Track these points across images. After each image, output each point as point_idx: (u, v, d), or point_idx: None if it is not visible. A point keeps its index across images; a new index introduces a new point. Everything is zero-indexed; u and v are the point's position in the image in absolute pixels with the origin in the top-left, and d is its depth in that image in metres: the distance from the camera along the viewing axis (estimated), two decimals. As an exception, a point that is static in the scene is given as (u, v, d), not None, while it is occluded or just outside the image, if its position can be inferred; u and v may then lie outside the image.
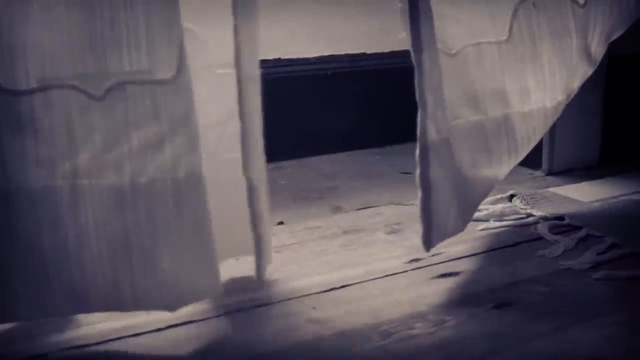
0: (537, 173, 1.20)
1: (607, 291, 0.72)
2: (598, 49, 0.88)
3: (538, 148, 1.19)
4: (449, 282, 0.76)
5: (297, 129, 1.23)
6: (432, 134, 0.68)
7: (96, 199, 0.58)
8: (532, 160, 1.21)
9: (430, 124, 0.68)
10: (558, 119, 1.15)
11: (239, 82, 0.63)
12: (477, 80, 0.79)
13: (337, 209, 0.95)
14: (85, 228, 0.58)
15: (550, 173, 1.19)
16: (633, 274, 0.76)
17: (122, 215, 0.58)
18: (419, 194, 0.69)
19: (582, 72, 0.88)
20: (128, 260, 0.59)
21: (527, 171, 1.21)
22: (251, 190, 0.64)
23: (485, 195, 0.84)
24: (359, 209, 1.02)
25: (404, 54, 0.69)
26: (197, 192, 0.60)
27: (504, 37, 0.80)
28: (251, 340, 0.64)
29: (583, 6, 0.83)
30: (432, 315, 0.68)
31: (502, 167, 0.83)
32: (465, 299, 0.72)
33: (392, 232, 0.92)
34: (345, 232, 0.92)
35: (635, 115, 1.24)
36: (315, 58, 1.38)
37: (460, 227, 0.76)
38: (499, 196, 1.04)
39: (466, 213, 0.79)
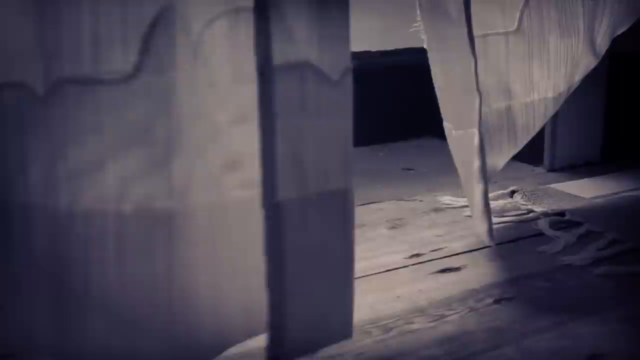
0: (539, 169, 1.20)
1: (607, 287, 0.73)
2: (603, 42, 0.87)
3: (540, 144, 1.19)
4: (450, 277, 0.76)
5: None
6: (483, 126, 0.69)
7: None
8: (533, 157, 1.21)
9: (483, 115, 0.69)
10: (560, 116, 1.16)
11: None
12: (481, 72, 0.78)
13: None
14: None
15: (551, 169, 1.19)
16: (634, 269, 0.76)
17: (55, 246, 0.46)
18: (481, 186, 0.68)
19: (586, 63, 0.87)
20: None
21: (528, 167, 1.21)
22: None
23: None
24: (361, 204, 1.02)
25: (407, 52, 0.69)
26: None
27: (513, 28, 0.81)
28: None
29: None
30: (432, 310, 0.68)
31: (502, 157, 0.84)
32: (466, 294, 0.72)
33: (394, 227, 0.92)
34: (347, 228, 0.92)
35: (636, 112, 1.24)
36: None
37: None
38: (500, 192, 1.04)
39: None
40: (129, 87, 0.43)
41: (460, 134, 0.74)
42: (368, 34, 1.35)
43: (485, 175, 0.69)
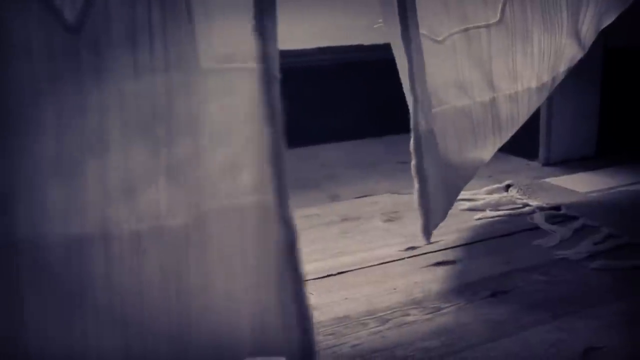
0: (534, 163, 1.20)
1: (603, 281, 0.73)
2: (589, 34, 0.88)
3: (535, 139, 1.19)
4: (446, 270, 0.76)
5: (295, 118, 1.23)
6: (423, 125, 0.68)
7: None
8: (529, 151, 1.21)
9: (421, 115, 0.67)
10: (555, 110, 1.16)
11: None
12: (464, 66, 0.79)
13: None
14: None
15: (547, 163, 1.19)
16: (629, 264, 0.76)
17: None
18: (416, 185, 0.67)
19: (571, 54, 0.87)
20: None
21: (524, 161, 1.21)
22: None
23: (470, 178, 0.84)
24: (357, 197, 1.02)
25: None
26: None
27: (495, 20, 0.80)
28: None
29: None
30: (428, 303, 0.68)
31: (487, 150, 0.83)
32: (462, 287, 0.72)
33: (389, 220, 0.92)
34: (343, 220, 0.92)
35: (631, 107, 1.24)
36: (315, 49, 1.38)
37: (445, 214, 0.77)
38: (495, 186, 1.04)
39: (452, 198, 0.79)
40: None
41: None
42: (365, 27, 1.35)
43: (422, 174, 0.66)
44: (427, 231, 0.69)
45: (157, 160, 0.41)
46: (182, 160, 0.42)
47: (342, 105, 1.33)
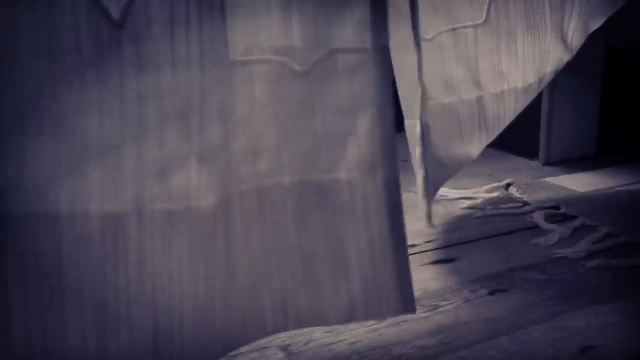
0: (534, 163, 1.20)
1: (601, 279, 0.73)
2: (576, 37, 0.89)
3: (535, 138, 1.19)
4: (445, 268, 0.76)
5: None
6: (425, 117, 0.69)
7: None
8: (529, 150, 1.21)
9: (426, 107, 0.69)
10: (555, 110, 1.16)
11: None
12: (451, 64, 0.80)
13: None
14: None
15: (547, 163, 1.19)
16: (627, 263, 0.76)
17: None
18: (422, 173, 0.68)
19: (556, 57, 0.88)
20: None
21: (524, 161, 1.21)
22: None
23: (456, 171, 0.85)
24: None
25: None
26: None
27: (481, 20, 0.82)
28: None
29: None
30: (426, 301, 0.68)
31: (474, 146, 0.84)
32: (460, 285, 0.72)
33: (388, 218, 0.92)
34: (342, 218, 0.92)
35: (631, 107, 1.24)
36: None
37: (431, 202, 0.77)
38: (495, 185, 1.04)
39: (436, 189, 0.80)
40: None
41: (410, 124, 0.74)
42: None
43: (427, 161, 0.68)
44: (431, 217, 0.70)
45: (189, 145, 0.44)
46: (212, 145, 0.45)
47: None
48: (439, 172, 0.79)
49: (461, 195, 1.00)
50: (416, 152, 0.66)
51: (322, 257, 0.51)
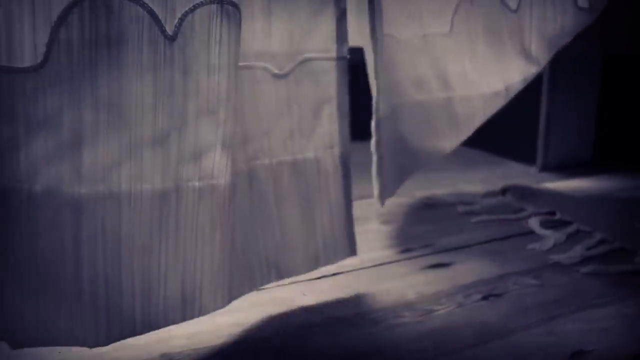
0: (531, 169, 1.20)
1: (594, 285, 0.73)
2: (540, 50, 0.93)
3: (532, 144, 1.20)
4: (440, 273, 0.77)
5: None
6: (384, 110, 0.76)
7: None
8: (526, 156, 1.22)
9: (382, 102, 0.75)
10: (553, 116, 1.17)
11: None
12: (422, 65, 0.87)
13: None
14: None
15: (543, 169, 1.19)
16: (621, 268, 0.76)
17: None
18: (374, 159, 0.76)
19: (521, 68, 0.93)
20: None
21: (521, 167, 1.22)
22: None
23: (427, 164, 0.91)
24: (354, 199, 1.02)
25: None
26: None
27: (447, 31, 0.89)
28: (240, 324, 0.65)
29: (515, 11, 0.90)
30: (421, 305, 0.69)
31: (444, 142, 0.90)
32: (455, 289, 0.72)
33: (385, 222, 0.93)
34: (339, 222, 0.93)
35: (629, 114, 1.24)
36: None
37: (395, 191, 0.85)
38: (492, 190, 1.05)
39: (404, 177, 0.88)
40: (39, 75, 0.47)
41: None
42: (360, 30, 1.35)
43: (380, 151, 0.75)
44: (383, 198, 0.78)
45: (216, 134, 0.54)
46: (229, 135, 0.55)
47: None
48: (410, 163, 0.88)
49: (458, 201, 1.00)
50: (372, 140, 0.75)
51: (296, 222, 0.66)
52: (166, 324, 0.54)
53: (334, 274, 0.76)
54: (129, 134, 0.50)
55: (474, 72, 0.92)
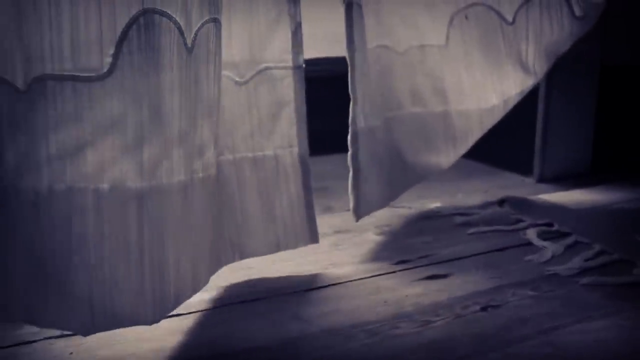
0: (529, 180, 1.20)
1: (592, 297, 0.73)
2: (537, 62, 0.94)
3: (530, 155, 1.20)
4: (437, 284, 0.76)
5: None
6: (361, 122, 0.78)
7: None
8: (524, 167, 1.21)
9: (359, 113, 0.77)
10: (550, 127, 1.16)
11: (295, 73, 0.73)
12: (420, 78, 0.89)
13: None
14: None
15: (541, 180, 1.19)
16: (619, 280, 0.76)
17: (38, 224, 0.54)
18: (350, 172, 0.79)
19: (519, 81, 0.94)
20: (42, 274, 0.55)
21: (518, 177, 1.22)
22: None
23: (423, 178, 0.93)
24: (350, 209, 1.02)
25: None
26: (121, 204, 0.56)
27: (443, 43, 0.90)
28: (236, 335, 0.65)
29: (512, 24, 0.91)
30: (418, 316, 0.68)
31: (442, 157, 0.92)
32: (452, 300, 0.72)
33: (382, 233, 0.92)
34: (336, 232, 0.92)
35: (626, 124, 1.24)
36: (310, 60, 1.38)
37: (384, 204, 0.88)
38: (489, 201, 1.04)
39: (397, 191, 0.90)
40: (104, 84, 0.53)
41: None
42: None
43: (356, 164, 0.78)
44: (357, 214, 0.81)
45: (211, 133, 0.62)
46: (217, 133, 0.64)
47: (335, 118, 1.34)
48: (405, 177, 0.89)
49: (455, 212, 1.00)
50: (348, 154, 0.78)
51: (257, 211, 0.74)
52: (178, 304, 0.61)
53: (331, 285, 0.76)
54: (166, 133, 0.57)
55: (471, 85, 0.92)
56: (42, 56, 0.52)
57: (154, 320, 0.58)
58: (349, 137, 0.78)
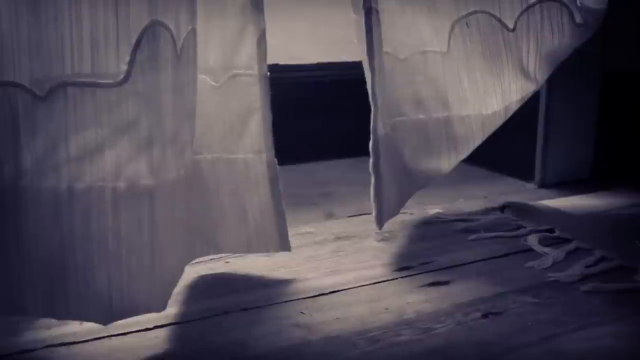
0: (530, 185, 1.20)
1: (594, 303, 0.73)
2: (538, 69, 0.94)
3: (531, 160, 1.20)
4: (438, 291, 0.76)
5: (290, 135, 1.23)
6: (381, 129, 0.79)
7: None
8: (525, 173, 1.21)
9: (379, 121, 0.78)
10: (551, 132, 1.16)
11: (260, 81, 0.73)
12: (422, 84, 0.90)
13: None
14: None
15: (542, 185, 1.19)
16: (620, 286, 0.76)
17: (58, 221, 0.57)
18: (373, 180, 0.80)
19: (520, 87, 0.94)
20: (62, 268, 0.58)
21: (519, 183, 1.21)
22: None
23: (424, 185, 0.94)
24: (351, 215, 1.02)
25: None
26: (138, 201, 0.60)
27: (445, 50, 0.91)
28: (236, 343, 0.65)
29: (512, 30, 0.91)
30: (420, 323, 0.68)
31: (443, 162, 0.93)
32: (454, 307, 0.72)
33: (384, 239, 0.92)
34: (337, 239, 0.92)
35: (628, 130, 1.24)
36: (313, 65, 1.38)
37: (397, 211, 0.89)
38: (490, 207, 1.04)
39: (404, 199, 0.91)
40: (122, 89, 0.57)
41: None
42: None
43: (378, 172, 0.79)
44: (380, 221, 0.82)
45: (191, 134, 0.66)
46: (194, 133, 0.68)
47: (338, 123, 1.34)
48: (409, 184, 0.90)
49: (456, 218, 1.00)
50: (370, 161, 0.79)
51: (229, 209, 0.76)
52: (171, 292, 0.66)
53: (331, 292, 0.75)
54: (165, 134, 0.60)
55: (472, 91, 0.93)
56: (63, 63, 0.55)
57: (164, 307, 0.63)
58: (370, 145, 0.78)
